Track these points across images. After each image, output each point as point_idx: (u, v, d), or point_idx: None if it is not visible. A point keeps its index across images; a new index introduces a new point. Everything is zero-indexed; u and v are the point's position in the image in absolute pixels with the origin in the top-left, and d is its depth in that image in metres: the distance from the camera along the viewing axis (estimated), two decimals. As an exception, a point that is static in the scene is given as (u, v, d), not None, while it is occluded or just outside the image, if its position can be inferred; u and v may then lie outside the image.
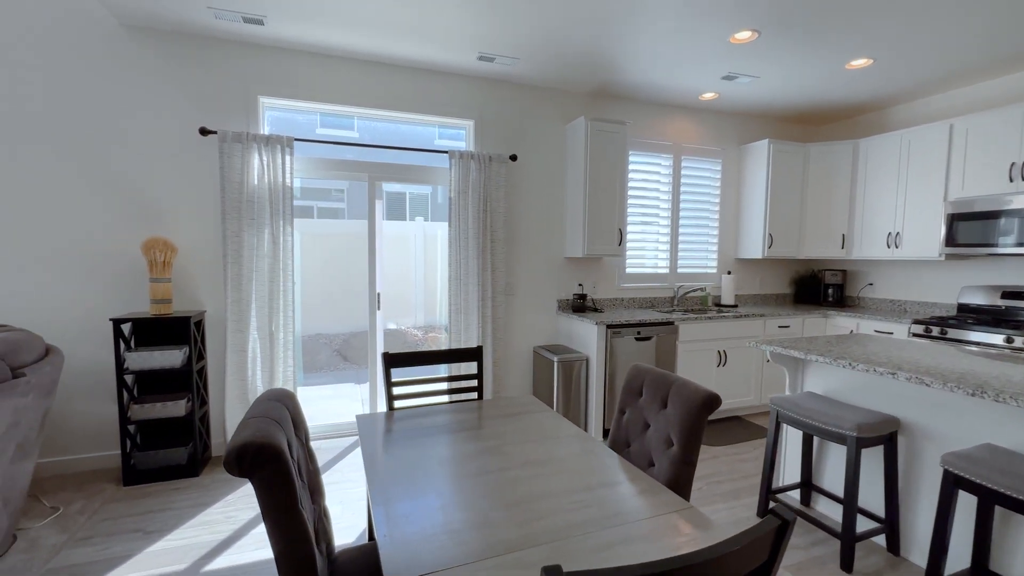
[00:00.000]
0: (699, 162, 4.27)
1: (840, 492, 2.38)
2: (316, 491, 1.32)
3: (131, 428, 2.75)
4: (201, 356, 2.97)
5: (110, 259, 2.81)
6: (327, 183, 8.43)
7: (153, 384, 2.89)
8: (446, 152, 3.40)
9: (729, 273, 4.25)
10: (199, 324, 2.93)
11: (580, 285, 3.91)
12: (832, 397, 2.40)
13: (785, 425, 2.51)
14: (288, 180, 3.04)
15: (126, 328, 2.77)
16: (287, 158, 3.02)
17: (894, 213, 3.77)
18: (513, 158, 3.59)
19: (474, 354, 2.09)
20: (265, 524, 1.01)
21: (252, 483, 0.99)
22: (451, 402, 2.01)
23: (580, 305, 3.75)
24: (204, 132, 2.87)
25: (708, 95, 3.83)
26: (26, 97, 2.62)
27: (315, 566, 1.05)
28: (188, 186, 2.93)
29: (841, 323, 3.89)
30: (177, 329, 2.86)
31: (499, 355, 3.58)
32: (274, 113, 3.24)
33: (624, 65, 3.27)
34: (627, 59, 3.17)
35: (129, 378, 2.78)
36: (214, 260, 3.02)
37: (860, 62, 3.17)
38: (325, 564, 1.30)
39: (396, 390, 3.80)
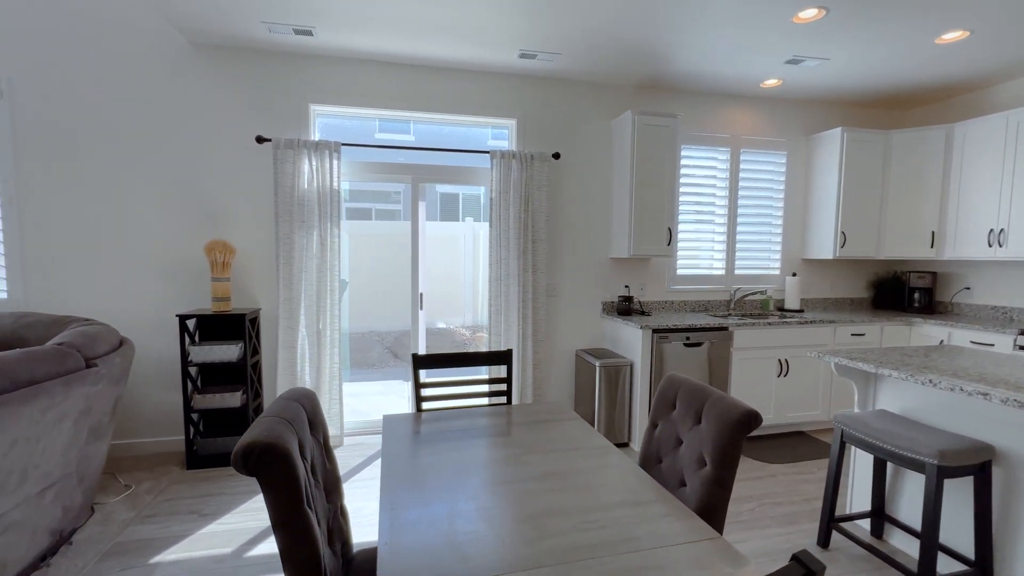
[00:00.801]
0: (761, 155, 3.96)
1: (919, 525, 2.09)
2: (333, 491, 1.33)
3: (194, 416, 2.96)
4: (256, 351, 3.14)
5: (177, 260, 3.05)
6: (386, 186, 8.68)
7: (214, 376, 3.10)
8: (487, 152, 3.38)
9: (794, 275, 3.91)
10: (254, 321, 3.11)
11: (626, 287, 3.75)
12: (909, 417, 2.11)
13: (853, 446, 2.24)
14: (335, 184, 3.14)
15: (191, 323, 2.99)
16: (334, 162, 3.12)
17: (997, 207, 3.29)
18: (556, 156, 3.50)
19: (503, 357, 2.04)
20: (271, 522, 1.02)
21: (258, 482, 1.01)
22: (480, 406, 1.97)
23: (626, 308, 3.60)
24: (260, 140, 3.04)
25: (770, 82, 3.53)
26: (108, 111, 2.90)
27: (319, 565, 1.04)
28: (245, 191, 3.11)
29: (929, 332, 3.45)
30: (234, 325, 3.05)
31: (540, 357, 3.51)
32: (337, 121, 3.38)
33: (674, 54, 3.08)
34: (678, 48, 2.99)
35: (193, 370, 3.00)
36: (268, 260, 3.19)
37: (954, 35, 2.79)
38: (339, 563, 1.30)
39: (428, 391, 3.83)
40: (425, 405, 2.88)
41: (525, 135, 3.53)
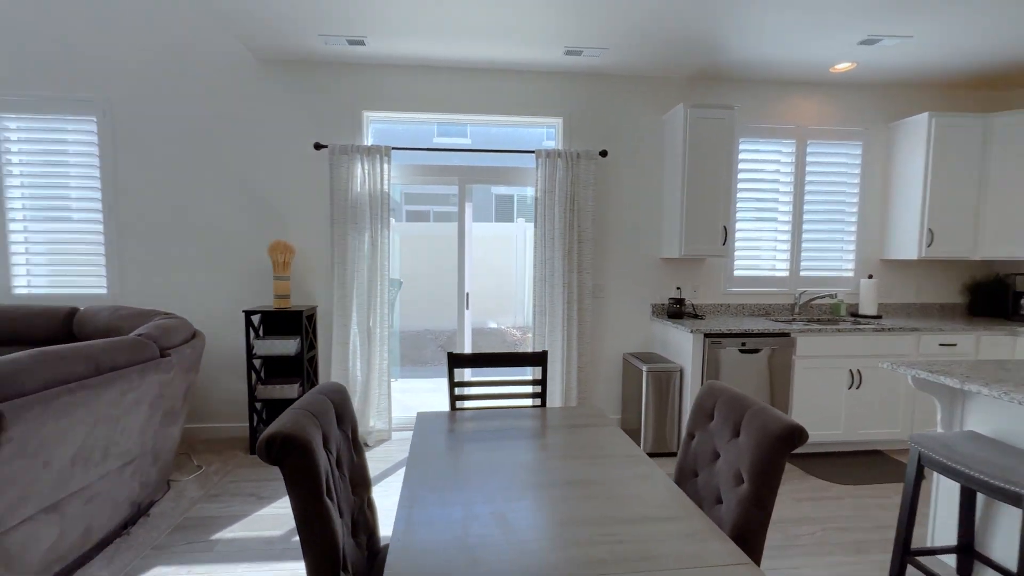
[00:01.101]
0: (831, 146, 3.64)
1: (1014, 566, 1.82)
2: (360, 484, 1.37)
3: (257, 405, 3.19)
4: (312, 346, 3.33)
5: (245, 259, 3.29)
6: (443, 189, 8.86)
7: (275, 368, 3.31)
8: (532, 152, 3.36)
9: (870, 277, 3.55)
10: (311, 318, 3.29)
11: (678, 289, 3.59)
12: (1004, 441, 1.84)
13: (934, 472, 1.99)
14: (385, 186, 3.26)
15: (255, 319, 3.22)
16: (384, 166, 3.24)
17: None
18: (603, 154, 3.41)
19: (538, 359, 2.01)
20: (292, 510, 1.06)
21: (280, 472, 1.05)
22: (516, 407, 1.95)
23: (676, 310, 3.44)
24: (317, 147, 3.21)
25: (842, 66, 3.23)
26: (189, 126, 3.19)
27: (338, 555, 1.07)
28: (305, 195, 3.31)
29: (1037, 344, 3.00)
30: (293, 321, 3.25)
31: (585, 360, 3.43)
32: (395, 126, 3.51)
33: (730, 41, 2.90)
34: (734, 33, 2.81)
35: (257, 362, 3.23)
36: (325, 260, 3.37)
37: (1069, 1, 2.40)
38: (364, 555, 1.34)
39: (465, 390, 3.86)
40: (463, 404, 2.91)
41: (572, 133, 3.47)
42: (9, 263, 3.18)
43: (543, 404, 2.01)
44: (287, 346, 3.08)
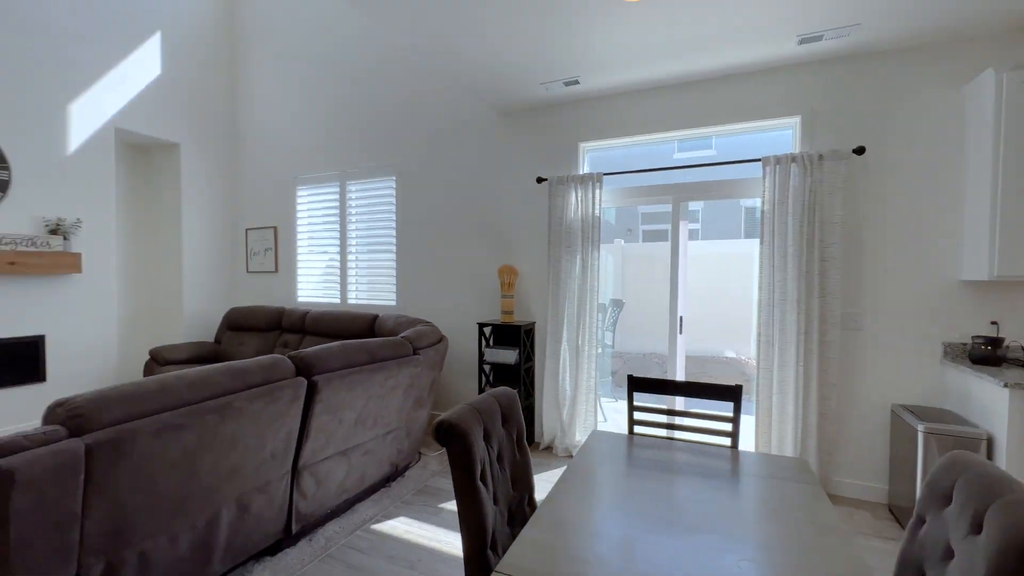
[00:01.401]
0: None
1: None
2: (520, 481, 1.51)
3: (486, 404, 3.74)
4: (530, 358, 3.72)
5: (480, 280, 3.95)
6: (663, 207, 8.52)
7: (500, 373, 3.83)
8: (758, 160, 2.98)
9: None
10: (529, 332, 3.69)
11: (993, 323, 2.56)
12: None
13: None
14: (597, 211, 3.42)
15: (487, 330, 3.81)
16: (596, 192, 3.41)
17: None
18: (859, 151, 2.76)
19: (730, 393, 1.79)
20: (452, 485, 1.28)
21: (446, 452, 1.28)
22: (706, 444, 1.79)
23: (987, 354, 2.45)
24: (539, 180, 3.63)
25: None
26: (444, 173, 4.06)
27: (485, 532, 1.23)
28: (528, 223, 3.77)
29: None
30: (514, 334, 3.70)
31: (830, 406, 2.79)
32: (622, 151, 3.70)
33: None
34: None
35: (487, 367, 3.80)
36: (543, 281, 3.74)
37: None
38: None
39: (652, 417, 3.55)
40: (642, 429, 2.75)
41: (814, 132, 2.93)
42: (347, 281, 4.65)
43: (734, 445, 1.77)
44: (508, 356, 3.53)
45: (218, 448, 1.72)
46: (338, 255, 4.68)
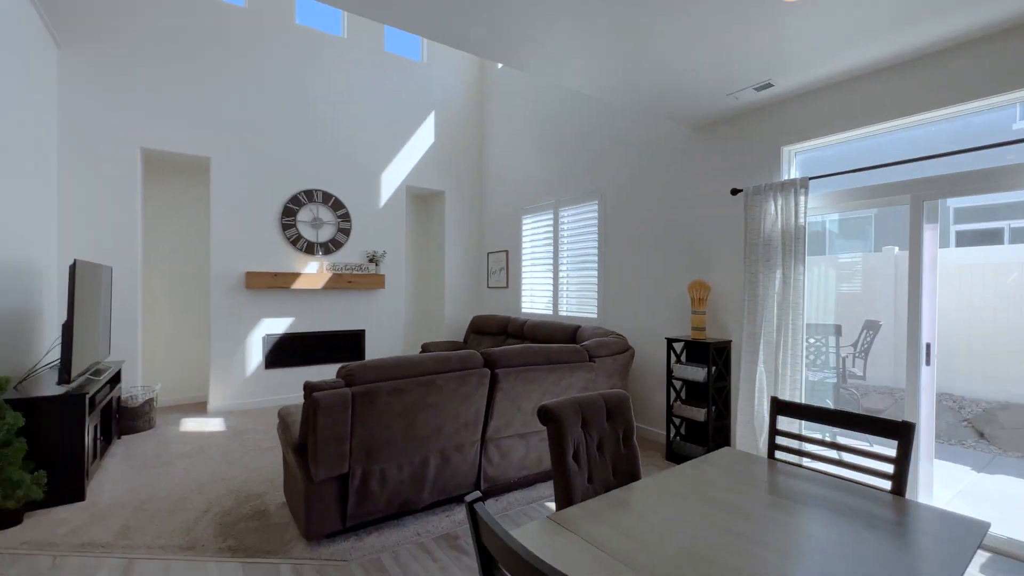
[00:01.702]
0: None
1: None
2: (623, 471, 1.68)
3: (676, 420, 3.72)
4: (722, 376, 3.52)
5: (671, 294, 3.96)
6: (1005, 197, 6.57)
7: (692, 390, 3.74)
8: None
9: None
10: (720, 350, 3.51)
11: None
12: None
13: None
14: (800, 220, 3.06)
15: (678, 346, 3.79)
16: (800, 199, 3.05)
17: None
18: None
19: (894, 429, 1.49)
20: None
21: (546, 430, 1.60)
22: (861, 483, 1.56)
23: None
24: (734, 192, 3.45)
25: None
26: (641, 192, 4.23)
27: (571, 496, 1.50)
28: (721, 237, 3.61)
29: None
30: (705, 351, 3.58)
31: None
32: (814, 153, 3.31)
33: None
34: None
35: (678, 383, 3.77)
36: (738, 298, 3.51)
37: None
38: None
39: (786, 441, 2.71)
40: (784, 456, 2.27)
41: None
42: (559, 295, 5.27)
43: (898, 491, 1.47)
44: (697, 373, 3.46)
45: (426, 410, 2.44)
46: (551, 273, 5.36)
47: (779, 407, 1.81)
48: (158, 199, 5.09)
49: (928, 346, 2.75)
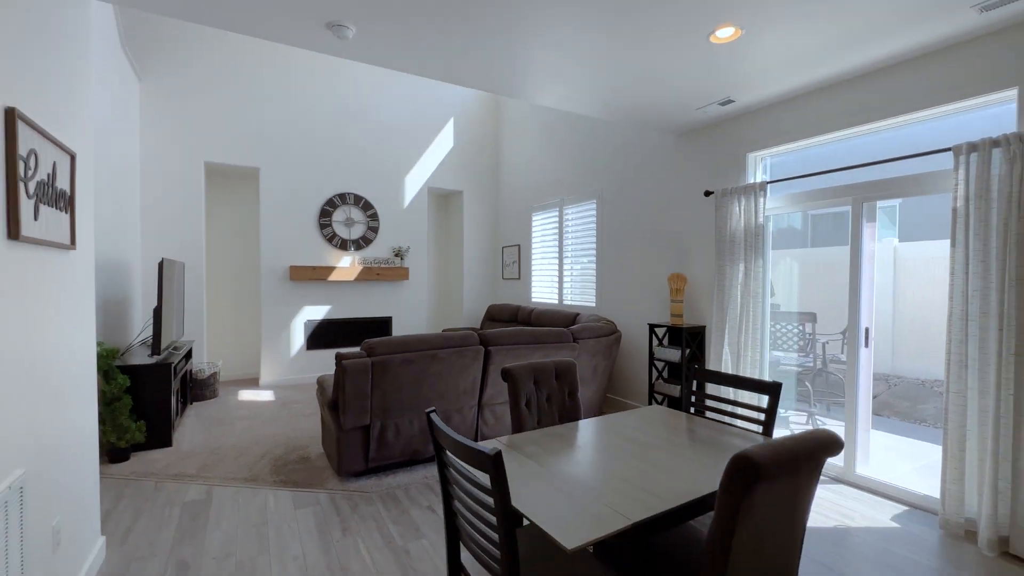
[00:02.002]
0: None
1: None
2: (568, 419, 2.23)
3: (657, 397, 4.21)
4: (696, 358, 3.98)
5: (653, 285, 4.42)
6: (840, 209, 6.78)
7: (673, 370, 4.21)
8: (949, 150, 2.55)
9: None
10: (695, 334, 3.97)
11: None
12: None
13: None
14: (760, 219, 3.47)
15: (660, 331, 4.26)
16: (760, 201, 3.47)
17: None
18: (1104, 121, 2.09)
19: (766, 388, 1.98)
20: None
21: (506, 386, 2.17)
22: (745, 429, 2.06)
23: None
24: (707, 193, 3.88)
25: None
26: (630, 193, 4.68)
27: (522, 429, 2.06)
28: (696, 234, 4.04)
29: None
30: (681, 335, 4.04)
31: (1047, 450, 2.20)
32: (782, 158, 3.70)
33: None
34: None
35: (659, 363, 4.25)
36: (710, 288, 3.95)
37: None
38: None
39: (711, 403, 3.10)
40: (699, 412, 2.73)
41: (1040, 104, 2.34)
42: (563, 285, 5.79)
43: (767, 433, 1.96)
44: (673, 354, 3.94)
45: (431, 378, 3.06)
46: (557, 265, 5.88)
47: (700, 375, 2.30)
48: (217, 204, 5.92)
49: (867, 330, 3.14)
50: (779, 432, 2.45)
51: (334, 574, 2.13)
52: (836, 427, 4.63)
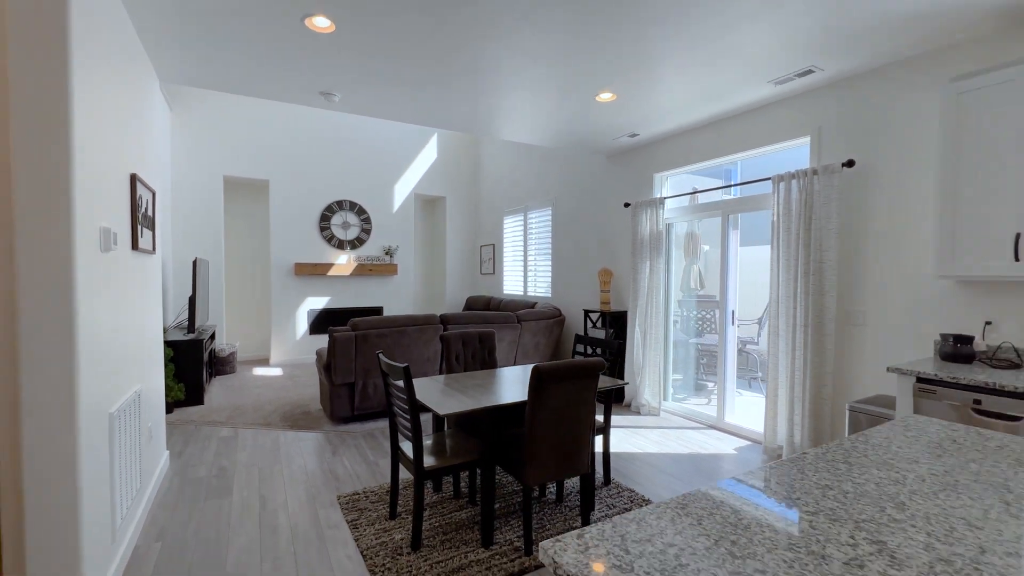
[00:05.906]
0: None
1: None
2: (486, 366, 3.23)
3: (591, 369, 5.20)
4: (619, 336, 4.97)
5: (588, 278, 5.40)
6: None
7: (598, 346, 5.20)
8: (768, 179, 3.52)
9: None
10: (617, 317, 4.95)
11: (988, 323, 2.56)
12: None
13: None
14: (660, 227, 4.45)
15: (594, 316, 5.25)
16: (660, 212, 4.44)
17: None
18: (849, 164, 3.05)
19: (611, 349, 2.97)
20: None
21: (441, 345, 3.16)
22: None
23: (955, 351, 2.55)
24: (626, 205, 4.85)
25: None
26: (577, 203, 5.66)
27: (451, 372, 3.08)
28: (620, 237, 5.02)
29: None
30: (608, 319, 5.03)
31: (824, 393, 3.17)
32: (685, 176, 4.66)
33: (953, -3, 2.20)
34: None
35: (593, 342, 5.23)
36: (628, 281, 4.94)
37: None
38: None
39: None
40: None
41: (823, 148, 3.30)
42: (527, 279, 6.78)
43: (613, 402, 2.95)
44: (599, 333, 4.93)
45: (402, 349, 4.07)
46: (522, 261, 6.87)
47: (576, 339, 3.29)
48: (233, 210, 6.94)
49: (732, 312, 4.12)
50: (701, 399, 3.46)
51: (326, 475, 3.15)
52: (753, 399, 5.60)
